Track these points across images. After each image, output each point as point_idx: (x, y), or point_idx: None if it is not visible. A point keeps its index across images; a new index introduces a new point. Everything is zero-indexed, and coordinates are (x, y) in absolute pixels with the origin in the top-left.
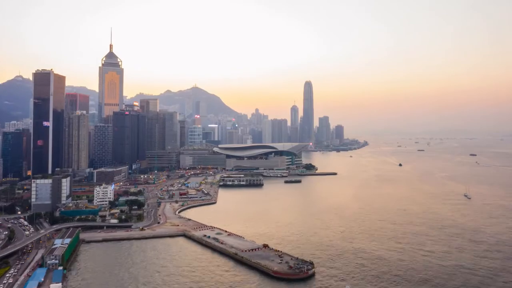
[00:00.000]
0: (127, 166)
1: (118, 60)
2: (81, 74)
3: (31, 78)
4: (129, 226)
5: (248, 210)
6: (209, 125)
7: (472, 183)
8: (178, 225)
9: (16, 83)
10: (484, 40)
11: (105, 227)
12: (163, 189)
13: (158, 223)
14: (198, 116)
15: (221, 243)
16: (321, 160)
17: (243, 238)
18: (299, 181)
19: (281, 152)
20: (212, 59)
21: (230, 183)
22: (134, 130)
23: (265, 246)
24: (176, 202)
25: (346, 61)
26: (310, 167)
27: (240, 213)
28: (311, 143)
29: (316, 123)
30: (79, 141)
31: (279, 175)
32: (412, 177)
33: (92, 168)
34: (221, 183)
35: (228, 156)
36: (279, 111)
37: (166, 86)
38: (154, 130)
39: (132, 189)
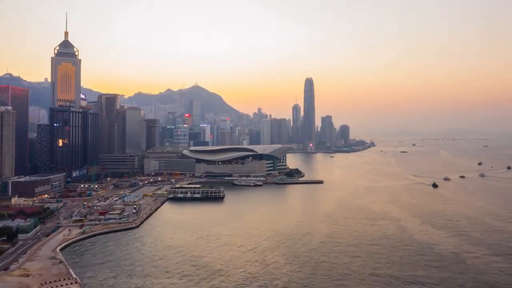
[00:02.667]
0: (64, 174)
1: (75, 49)
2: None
3: None
4: None
5: (176, 240)
6: (201, 125)
7: None
8: (29, 275)
9: None
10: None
11: None
12: (86, 205)
13: (6, 269)
14: (189, 115)
15: None
16: (317, 163)
17: None
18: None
19: (260, 155)
20: (214, 58)
21: (182, 195)
22: (78, 129)
23: None
24: (81, 227)
25: (354, 60)
26: (293, 174)
27: (158, 247)
28: (311, 144)
29: (318, 122)
30: (2, 143)
31: (251, 184)
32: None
33: (22, 176)
34: (170, 196)
35: (198, 161)
36: (283, 110)
37: (167, 85)
38: (113, 130)
39: (48, 205)
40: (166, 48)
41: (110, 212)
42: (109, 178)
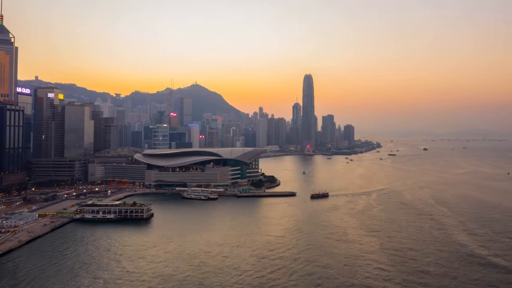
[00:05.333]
0: None
1: (10, 35)
2: None
3: None
4: None
5: None
6: (189, 125)
7: None
8: None
9: None
10: None
11: None
12: None
13: None
14: (175, 114)
15: None
16: (308, 167)
17: None
18: None
19: (224, 160)
20: (215, 57)
21: (91, 216)
22: None
23: None
24: None
25: (362, 59)
26: (261, 183)
27: None
28: (308, 146)
29: (321, 123)
30: None
31: (203, 197)
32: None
33: None
34: (77, 216)
35: (150, 166)
36: (285, 110)
37: (166, 84)
38: (49, 130)
39: None
40: (166, 47)
41: None
42: (33, 189)
